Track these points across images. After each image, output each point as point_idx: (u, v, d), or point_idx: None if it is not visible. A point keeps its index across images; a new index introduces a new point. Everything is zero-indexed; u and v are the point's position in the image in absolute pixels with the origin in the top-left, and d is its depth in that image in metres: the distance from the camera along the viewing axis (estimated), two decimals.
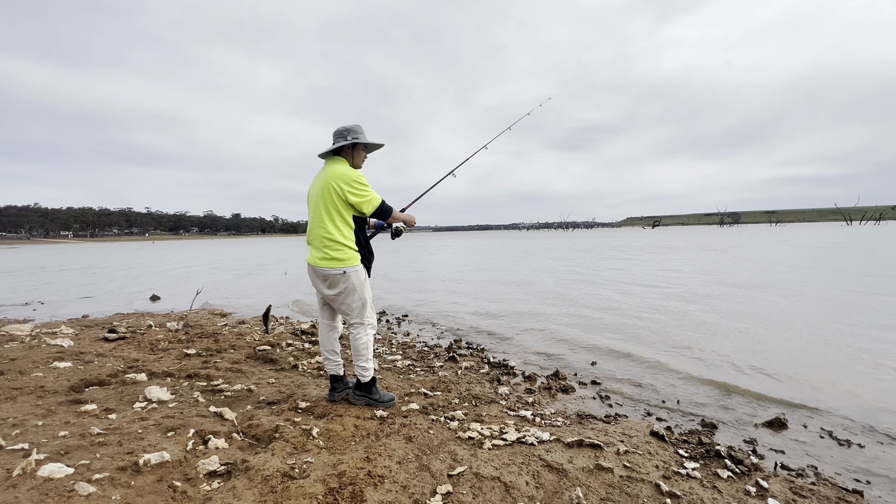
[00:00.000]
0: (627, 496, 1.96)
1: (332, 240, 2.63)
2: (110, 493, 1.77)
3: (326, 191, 2.62)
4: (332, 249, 2.63)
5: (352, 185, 2.61)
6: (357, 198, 2.63)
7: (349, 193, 2.61)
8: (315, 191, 2.71)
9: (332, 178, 2.62)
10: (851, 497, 2.05)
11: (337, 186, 2.60)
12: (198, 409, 2.78)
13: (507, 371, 3.98)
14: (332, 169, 2.66)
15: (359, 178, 2.65)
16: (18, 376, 3.26)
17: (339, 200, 2.62)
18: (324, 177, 2.67)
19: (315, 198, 2.70)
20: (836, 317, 5.93)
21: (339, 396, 2.93)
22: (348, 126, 2.75)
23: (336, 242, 2.63)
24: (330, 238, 2.63)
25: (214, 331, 5.34)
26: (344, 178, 2.61)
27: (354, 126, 2.76)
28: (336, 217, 2.64)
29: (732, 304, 7.08)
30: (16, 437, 2.22)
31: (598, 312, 6.77)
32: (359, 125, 2.78)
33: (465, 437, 2.48)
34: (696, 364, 4.19)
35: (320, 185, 2.66)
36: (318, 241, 2.68)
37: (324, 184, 2.64)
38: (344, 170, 2.65)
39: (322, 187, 2.64)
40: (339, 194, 2.61)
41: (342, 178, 2.61)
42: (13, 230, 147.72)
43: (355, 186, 2.62)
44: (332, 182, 2.61)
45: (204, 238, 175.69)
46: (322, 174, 2.72)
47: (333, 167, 2.67)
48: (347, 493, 1.87)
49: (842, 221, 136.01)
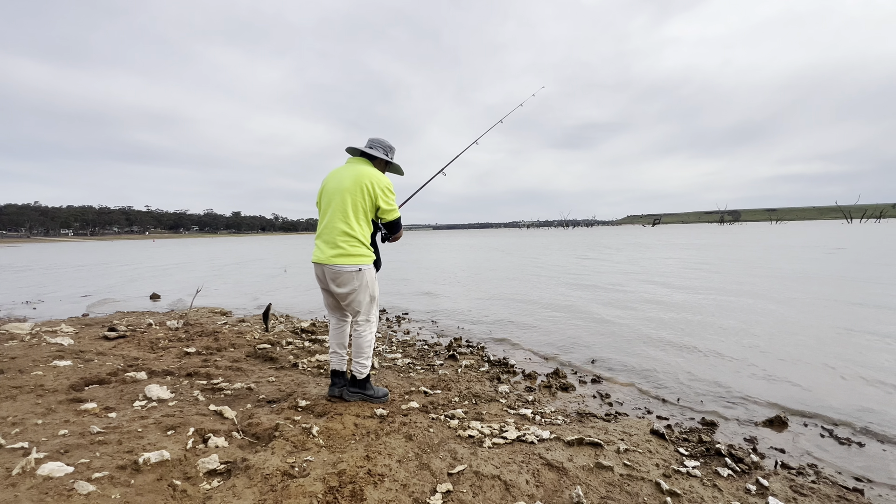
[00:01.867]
0: (628, 494, 1.96)
1: (353, 236, 2.62)
2: (110, 491, 1.77)
3: (358, 188, 2.62)
4: (351, 245, 2.62)
5: (385, 190, 2.68)
6: (386, 205, 2.68)
7: (380, 198, 2.65)
8: (341, 185, 2.66)
9: (368, 178, 2.64)
10: (852, 495, 2.05)
11: (371, 187, 2.63)
12: (198, 407, 2.77)
13: (508, 369, 3.97)
14: (365, 169, 2.68)
15: (391, 185, 2.74)
16: (18, 375, 3.26)
17: (370, 201, 2.65)
18: (355, 174, 2.66)
19: (340, 192, 2.65)
20: (836, 317, 5.93)
21: (337, 392, 2.95)
22: (390, 144, 2.89)
23: (355, 238, 2.63)
24: (350, 234, 2.62)
25: (214, 329, 5.34)
26: (379, 183, 2.66)
27: (393, 146, 2.90)
28: (361, 215, 2.65)
29: (732, 304, 7.08)
30: (15, 435, 2.22)
31: (598, 311, 6.77)
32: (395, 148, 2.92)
33: (466, 435, 2.48)
34: (697, 362, 4.19)
35: (350, 180, 2.64)
36: (334, 237, 2.63)
37: (356, 180, 2.63)
38: (378, 174, 2.70)
39: (353, 183, 2.63)
40: (371, 195, 2.64)
41: (377, 182, 2.65)
42: (13, 229, 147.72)
43: (387, 193, 2.69)
44: (366, 181, 2.63)
45: (204, 236, 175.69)
46: (351, 171, 2.69)
47: (366, 168, 2.70)
48: (347, 491, 1.87)
49: (842, 219, 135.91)
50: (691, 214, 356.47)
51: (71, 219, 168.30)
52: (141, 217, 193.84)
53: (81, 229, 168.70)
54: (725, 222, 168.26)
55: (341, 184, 2.67)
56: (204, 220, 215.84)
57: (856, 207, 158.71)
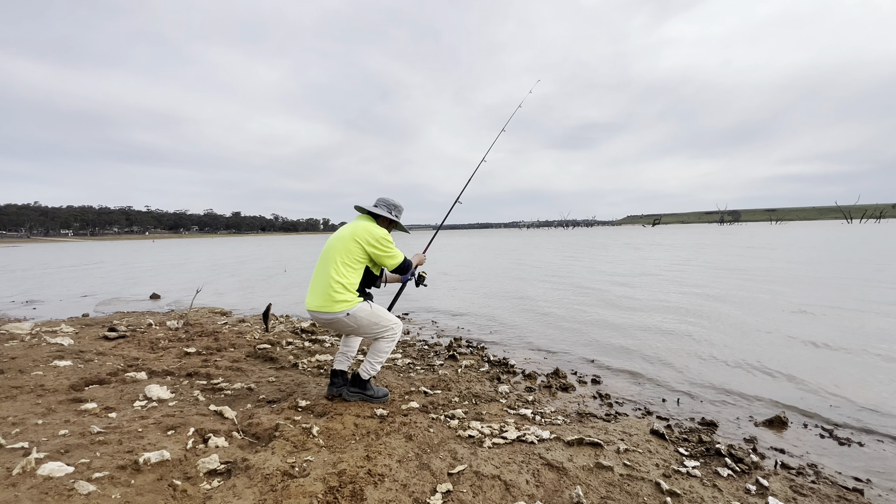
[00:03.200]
0: (628, 494, 1.96)
1: (338, 281, 2.70)
2: (110, 491, 1.77)
3: (351, 240, 2.75)
4: (335, 291, 2.69)
5: (378, 240, 2.78)
6: (381, 252, 2.79)
7: (374, 248, 2.77)
8: (339, 236, 2.81)
9: (361, 231, 2.77)
10: (852, 495, 2.05)
11: (362, 239, 2.75)
12: (198, 407, 2.78)
13: (508, 369, 3.97)
14: (362, 224, 2.82)
15: (387, 236, 2.84)
16: (18, 375, 3.26)
17: (360, 251, 2.76)
18: (352, 229, 2.81)
19: (336, 242, 2.79)
20: (836, 317, 5.93)
21: (336, 391, 2.97)
22: (398, 203, 3.01)
23: (339, 284, 2.70)
24: (336, 280, 2.70)
25: (214, 329, 5.35)
26: (372, 234, 2.77)
27: (401, 205, 3.03)
28: (349, 265, 2.75)
29: (733, 304, 7.08)
30: (16, 435, 2.22)
31: (598, 311, 6.77)
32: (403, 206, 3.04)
33: (466, 435, 2.48)
34: (697, 362, 4.19)
35: (348, 232, 2.79)
36: (321, 285, 2.74)
37: (350, 234, 2.77)
38: (373, 227, 2.81)
39: (347, 236, 2.77)
40: (361, 246, 2.76)
41: (370, 233, 2.77)
42: (13, 229, 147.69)
43: (382, 243, 2.79)
44: (359, 235, 2.76)
45: (204, 237, 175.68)
46: (351, 225, 2.86)
47: (364, 223, 2.83)
48: (347, 491, 1.87)
49: (842, 219, 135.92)
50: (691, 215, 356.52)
51: (71, 219, 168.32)
52: (141, 217, 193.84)
53: (81, 229, 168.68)
54: (725, 222, 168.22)
55: (340, 234, 2.83)
56: (204, 221, 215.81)
57: (856, 208, 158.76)
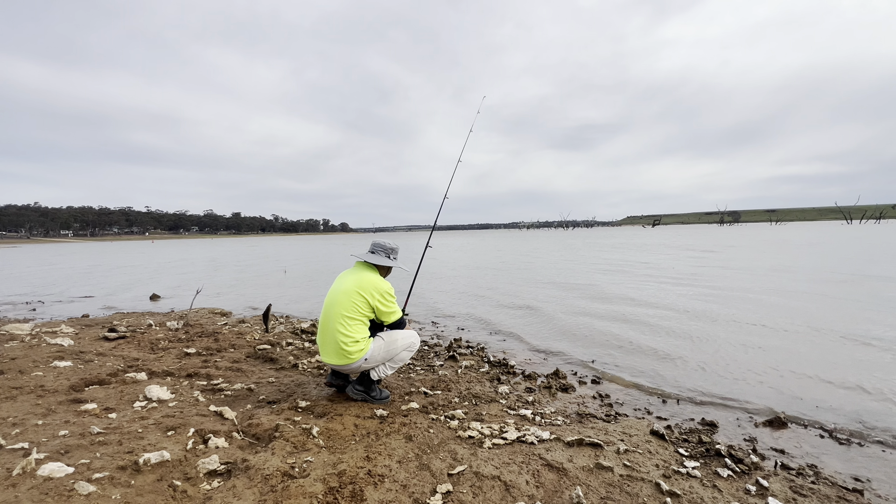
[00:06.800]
0: (627, 495, 1.96)
1: (353, 340, 2.76)
2: (110, 492, 1.77)
3: (356, 294, 2.78)
4: (349, 347, 2.76)
5: (384, 297, 2.84)
6: (386, 308, 2.86)
7: (379, 303, 2.82)
8: (342, 288, 2.82)
9: (367, 285, 2.81)
10: (851, 496, 2.05)
11: (370, 295, 2.79)
12: (198, 408, 2.78)
13: (507, 370, 3.98)
14: (368, 276, 2.85)
15: (391, 291, 2.89)
16: (18, 375, 3.26)
17: (365, 305, 2.80)
18: (357, 280, 2.83)
19: (337, 300, 2.79)
20: (836, 318, 5.93)
21: (336, 382, 3.03)
22: (394, 246, 3.06)
23: (353, 341, 2.77)
24: (345, 335, 2.75)
25: (214, 330, 5.34)
26: (379, 290, 2.82)
27: (396, 246, 3.07)
28: (356, 319, 2.78)
29: (732, 304, 7.07)
30: (16, 436, 2.22)
31: (598, 311, 6.77)
32: (398, 247, 3.08)
33: (466, 436, 2.48)
34: (696, 363, 4.19)
35: (351, 285, 2.80)
36: (331, 342, 2.78)
37: (355, 287, 2.79)
38: (379, 282, 2.86)
39: (351, 290, 2.79)
40: (368, 302, 2.79)
41: (377, 289, 2.82)
42: (13, 229, 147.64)
43: (387, 299, 2.85)
44: (364, 289, 2.79)
45: (204, 237, 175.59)
46: (354, 276, 2.87)
47: (369, 275, 2.87)
48: (347, 492, 1.87)
49: (842, 220, 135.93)
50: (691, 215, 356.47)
51: (71, 219, 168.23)
52: (141, 218, 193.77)
53: (81, 230, 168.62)
54: (725, 223, 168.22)
55: (343, 288, 2.83)
56: (204, 221, 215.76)
57: (855, 208, 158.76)
